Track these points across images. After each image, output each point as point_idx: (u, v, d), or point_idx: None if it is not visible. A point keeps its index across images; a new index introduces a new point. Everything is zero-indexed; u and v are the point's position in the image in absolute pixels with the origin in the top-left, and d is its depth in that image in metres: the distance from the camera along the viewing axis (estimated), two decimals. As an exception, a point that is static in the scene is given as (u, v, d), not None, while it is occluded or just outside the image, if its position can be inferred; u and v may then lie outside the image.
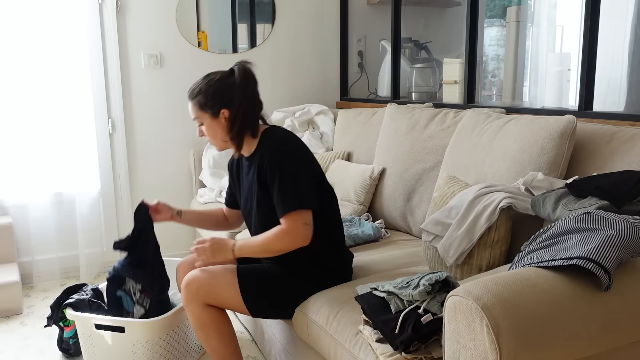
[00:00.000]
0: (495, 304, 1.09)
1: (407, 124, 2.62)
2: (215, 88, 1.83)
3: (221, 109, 1.82)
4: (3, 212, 3.17)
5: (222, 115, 1.82)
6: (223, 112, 1.82)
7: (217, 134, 1.85)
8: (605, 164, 1.79)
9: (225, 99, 1.82)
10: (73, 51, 3.19)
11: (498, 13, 3.73)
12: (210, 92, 1.82)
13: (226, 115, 1.82)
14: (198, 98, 1.84)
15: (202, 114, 1.84)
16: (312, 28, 3.79)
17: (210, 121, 1.84)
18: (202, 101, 1.83)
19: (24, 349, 2.47)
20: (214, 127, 1.84)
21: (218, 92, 1.83)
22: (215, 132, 1.85)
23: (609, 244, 1.21)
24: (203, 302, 1.79)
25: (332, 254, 1.92)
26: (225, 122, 1.83)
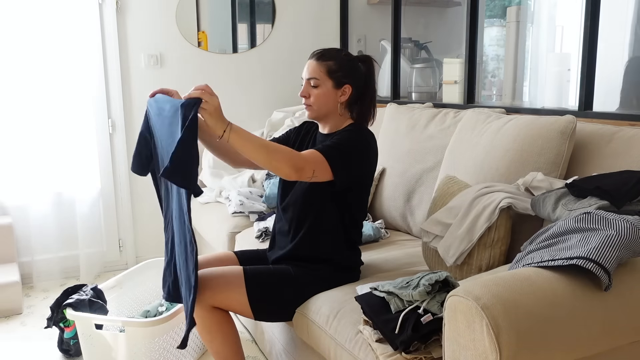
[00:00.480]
0: (495, 304, 1.09)
1: (407, 124, 2.62)
2: (351, 64, 1.86)
3: (347, 84, 1.84)
4: (3, 212, 3.17)
5: (344, 90, 1.85)
6: (347, 87, 1.85)
7: (328, 102, 1.85)
8: (605, 164, 1.79)
9: (354, 77, 1.86)
10: (73, 51, 3.19)
11: (498, 13, 3.73)
12: (344, 64, 1.84)
13: (347, 91, 1.85)
14: (330, 63, 1.83)
15: (327, 78, 1.83)
16: (312, 28, 3.79)
17: (330, 88, 1.84)
18: (333, 67, 1.83)
19: (24, 349, 2.47)
20: (329, 95, 1.84)
21: (353, 68, 1.86)
22: (327, 100, 1.85)
23: (609, 244, 1.21)
24: (209, 304, 1.79)
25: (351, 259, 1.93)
26: (342, 96, 1.85)
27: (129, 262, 3.50)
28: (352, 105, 1.90)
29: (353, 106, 1.90)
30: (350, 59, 1.88)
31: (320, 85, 1.84)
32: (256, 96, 3.71)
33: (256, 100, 3.71)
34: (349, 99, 1.87)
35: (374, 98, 1.93)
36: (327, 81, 1.84)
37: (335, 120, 1.90)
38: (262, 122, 3.69)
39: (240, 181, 3.16)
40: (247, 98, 3.69)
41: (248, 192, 2.95)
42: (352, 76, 1.86)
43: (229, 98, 3.64)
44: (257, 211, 2.80)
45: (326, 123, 1.92)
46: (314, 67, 1.85)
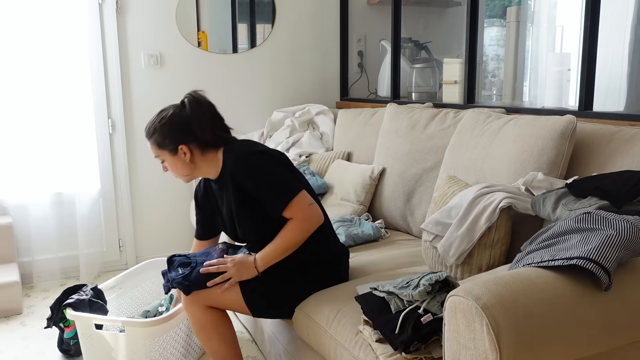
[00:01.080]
0: (495, 304, 1.09)
1: (407, 124, 2.62)
2: (169, 125, 1.83)
3: (179, 145, 1.83)
4: (3, 212, 3.17)
5: (181, 151, 1.83)
6: (181, 147, 1.83)
7: (179, 168, 1.87)
8: (605, 164, 1.79)
9: (181, 134, 1.83)
10: (73, 51, 3.19)
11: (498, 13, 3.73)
12: (165, 130, 1.83)
13: (185, 150, 1.83)
14: (155, 137, 1.85)
15: (161, 151, 1.86)
16: (312, 28, 3.79)
17: (170, 157, 1.85)
18: (159, 140, 1.84)
19: (24, 349, 2.47)
20: (175, 162, 1.86)
21: (173, 128, 1.83)
22: (176, 167, 1.87)
23: (609, 244, 1.21)
24: (204, 304, 1.79)
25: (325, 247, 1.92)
26: (184, 156, 1.84)
27: (129, 262, 3.50)
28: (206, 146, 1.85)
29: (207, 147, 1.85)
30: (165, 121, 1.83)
31: (165, 159, 1.87)
32: (256, 96, 3.71)
33: (256, 100, 3.71)
34: (194, 151, 1.84)
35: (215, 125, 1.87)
36: (164, 154, 1.85)
37: (207, 168, 1.88)
38: (262, 122, 3.70)
39: (240, 181, 3.15)
40: (247, 98, 3.69)
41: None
42: (176, 136, 1.82)
43: (229, 98, 3.64)
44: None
45: (206, 174, 1.91)
46: (150, 146, 1.88)
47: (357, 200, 2.67)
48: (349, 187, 2.72)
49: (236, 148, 1.85)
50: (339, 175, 2.84)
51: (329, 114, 3.48)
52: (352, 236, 2.36)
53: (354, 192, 2.68)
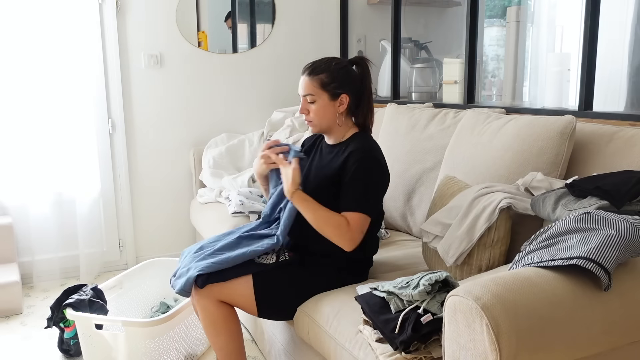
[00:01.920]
0: (495, 304, 1.09)
1: (407, 124, 2.62)
2: (344, 72, 1.85)
3: (343, 93, 1.84)
4: (3, 212, 3.17)
5: (341, 100, 1.84)
6: (343, 96, 1.84)
7: (327, 115, 1.86)
8: (605, 164, 1.79)
9: (349, 85, 1.85)
10: (73, 51, 3.19)
11: (498, 13, 3.73)
12: (336, 74, 1.83)
13: (344, 101, 1.84)
14: (322, 76, 1.83)
15: (321, 92, 1.84)
16: (312, 28, 3.79)
17: (326, 102, 1.84)
18: (325, 80, 1.83)
19: (24, 349, 2.47)
20: (327, 108, 1.85)
21: (346, 76, 1.84)
22: (325, 112, 1.85)
23: (608, 244, 1.21)
24: (216, 298, 1.79)
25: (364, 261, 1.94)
26: (340, 107, 1.85)
27: (129, 262, 3.50)
28: (353, 111, 1.90)
29: (354, 112, 1.90)
30: (342, 66, 1.86)
31: (316, 100, 1.84)
32: (256, 96, 3.71)
33: (256, 100, 3.71)
34: (348, 107, 1.86)
35: (370, 99, 1.92)
36: (322, 95, 1.84)
37: (339, 130, 1.90)
38: (262, 122, 3.70)
39: (240, 181, 3.16)
40: (247, 98, 3.69)
41: (248, 192, 2.95)
42: (347, 84, 1.85)
43: (229, 98, 3.64)
44: (257, 211, 2.80)
45: (330, 134, 1.93)
46: (307, 83, 1.85)
47: (357, 200, 2.66)
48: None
49: (369, 139, 1.88)
50: (339, 175, 2.84)
51: (329, 114, 3.47)
52: (352, 236, 2.36)
53: (354, 192, 2.68)
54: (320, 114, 1.85)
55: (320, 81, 1.83)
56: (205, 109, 3.59)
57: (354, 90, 1.87)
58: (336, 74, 1.84)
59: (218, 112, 3.62)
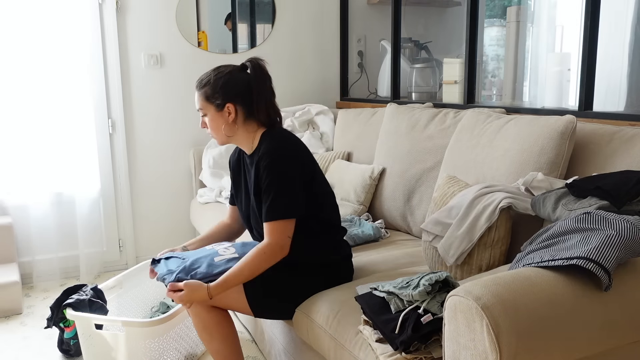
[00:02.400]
0: (495, 304, 1.09)
1: (407, 124, 2.62)
2: (224, 81, 1.82)
3: (227, 103, 1.82)
4: (3, 212, 3.17)
5: (227, 109, 1.82)
6: (228, 106, 1.82)
7: (220, 127, 1.84)
8: (605, 164, 1.79)
9: (232, 93, 1.82)
10: (73, 51, 3.19)
11: (498, 13, 3.73)
12: (218, 84, 1.82)
13: (231, 110, 1.82)
14: (205, 89, 1.83)
15: (208, 105, 1.83)
16: (312, 28, 3.79)
17: (214, 113, 1.83)
18: (208, 92, 1.82)
19: (24, 349, 2.47)
20: (218, 120, 1.84)
21: (226, 85, 1.82)
22: (218, 125, 1.84)
23: (609, 244, 1.21)
24: (208, 304, 1.79)
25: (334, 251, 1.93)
26: (229, 116, 1.82)
27: (129, 262, 3.50)
28: (250, 115, 1.85)
29: (253, 116, 1.85)
30: (221, 75, 1.82)
31: (207, 114, 1.84)
32: (256, 96, 3.71)
33: (256, 100, 3.71)
34: (241, 115, 1.83)
35: (269, 99, 1.87)
36: (209, 107, 1.83)
37: (244, 138, 1.87)
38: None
39: (240, 181, 3.16)
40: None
41: (248, 192, 2.95)
42: (228, 93, 1.81)
43: (229, 98, 3.64)
44: (257, 211, 2.79)
45: (240, 144, 1.90)
46: (197, 98, 1.86)
47: (357, 201, 2.67)
48: (349, 187, 2.72)
49: (276, 136, 1.83)
50: (339, 175, 2.84)
51: (329, 114, 3.48)
52: (352, 236, 2.36)
53: (354, 192, 2.68)
54: (213, 126, 1.85)
55: (205, 94, 1.83)
56: (205, 109, 3.58)
57: (240, 96, 1.82)
58: (217, 85, 1.82)
59: (218, 112, 3.62)
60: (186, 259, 1.85)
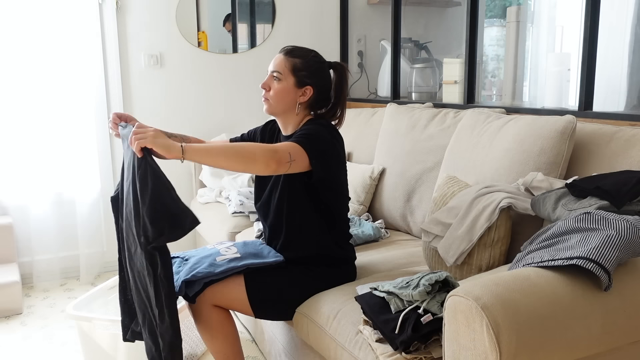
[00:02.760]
0: (495, 304, 1.09)
1: (407, 124, 2.62)
2: (318, 66, 1.84)
3: (309, 85, 1.82)
4: (3, 212, 3.17)
5: (305, 90, 1.83)
6: (308, 88, 1.83)
7: (286, 99, 1.83)
8: (605, 164, 1.79)
9: (318, 81, 1.84)
10: (73, 51, 3.19)
11: (498, 13, 3.73)
12: (311, 65, 1.83)
13: (307, 93, 1.83)
14: (297, 61, 1.82)
15: (290, 75, 1.82)
16: (312, 28, 3.79)
17: (291, 86, 1.82)
18: (299, 65, 1.82)
19: (24, 349, 2.47)
20: (290, 92, 1.82)
21: (318, 72, 1.84)
22: (284, 95, 1.82)
23: (609, 244, 1.21)
24: (210, 303, 1.79)
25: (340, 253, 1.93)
26: (301, 97, 1.83)
27: (129, 262, 3.50)
28: (313, 107, 1.87)
29: (314, 109, 1.88)
30: (318, 60, 1.85)
31: (282, 80, 1.82)
32: (256, 96, 3.71)
33: (256, 100, 3.71)
34: (308, 101, 1.85)
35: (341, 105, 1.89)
36: (289, 77, 1.82)
37: (293, 119, 1.87)
38: (262, 122, 3.68)
39: (240, 181, 3.16)
40: (247, 98, 3.69)
41: (248, 192, 2.95)
42: (316, 78, 1.83)
43: (229, 98, 3.64)
44: (257, 211, 2.80)
45: (284, 122, 1.89)
46: (280, 61, 1.83)
47: (357, 201, 2.67)
48: (349, 187, 2.71)
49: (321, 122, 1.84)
50: (339, 175, 2.84)
51: (329, 114, 3.47)
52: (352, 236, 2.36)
53: (354, 192, 2.68)
54: (280, 95, 1.82)
55: (293, 64, 1.82)
56: (205, 109, 3.59)
57: (320, 87, 1.85)
58: (310, 64, 1.83)
59: (218, 112, 3.63)
60: (188, 260, 1.85)
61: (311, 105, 1.87)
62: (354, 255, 1.98)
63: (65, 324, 2.70)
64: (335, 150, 1.82)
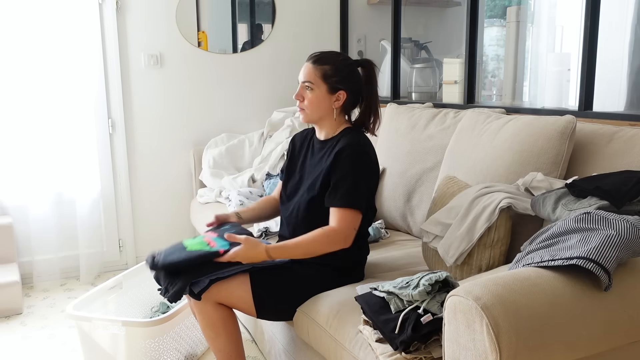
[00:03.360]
0: (495, 304, 1.09)
1: (407, 124, 2.62)
2: (349, 70, 1.86)
3: (341, 90, 1.84)
4: (3, 212, 3.17)
5: (338, 95, 1.84)
6: (341, 93, 1.84)
7: (321, 107, 1.85)
8: (605, 164, 1.79)
9: (350, 84, 1.85)
10: (73, 51, 3.19)
11: (498, 13, 3.73)
12: (341, 69, 1.84)
13: (341, 97, 1.85)
14: (326, 67, 1.83)
15: (321, 83, 1.83)
16: (312, 28, 3.79)
17: (324, 93, 1.84)
18: (329, 72, 1.83)
19: (24, 349, 2.47)
20: (324, 100, 1.84)
21: (350, 75, 1.85)
22: (319, 102, 1.84)
23: (609, 244, 1.21)
24: (214, 301, 1.78)
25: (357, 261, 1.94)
26: (336, 102, 1.85)
27: (129, 262, 3.50)
28: (348, 110, 1.90)
29: (349, 111, 1.91)
30: (347, 63, 1.86)
31: (314, 89, 1.84)
32: (256, 96, 3.72)
33: (256, 100, 3.71)
34: (343, 105, 1.87)
35: (374, 103, 1.92)
36: (321, 85, 1.83)
37: (330, 124, 1.90)
38: (262, 122, 3.70)
39: (240, 181, 3.16)
40: (247, 98, 3.69)
41: (248, 192, 2.95)
42: (348, 82, 1.85)
43: (229, 98, 3.64)
44: (257, 211, 2.79)
45: (321, 127, 1.92)
46: (309, 70, 1.84)
47: (357, 200, 2.66)
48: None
49: (360, 134, 1.88)
50: (339, 175, 2.84)
51: (329, 114, 3.47)
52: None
53: (354, 192, 2.68)
54: (314, 103, 1.85)
55: (323, 72, 1.83)
56: (205, 109, 3.59)
57: (353, 89, 1.87)
58: (340, 69, 1.84)
59: (218, 112, 3.63)
60: None
61: (346, 109, 1.90)
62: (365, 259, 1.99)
63: (65, 324, 2.70)
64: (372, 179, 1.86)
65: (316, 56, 1.86)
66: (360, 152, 1.81)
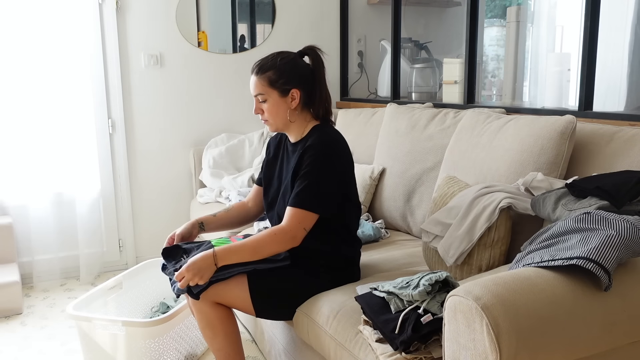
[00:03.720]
0: (495, 304, 1.09)
1: (407, 124, 2.62)
2: (290, 66, 1.82)
3: (292, 88, 1.81)
4: (3, 212, 3.17)
5: (292, 95, 1.82)
6: (294, 91, 1.82)
7: (279, 112, 1.83)
8: (605, 164, 1.79)
9: (298, 79, 1.82)
10: (73, 51, 3.19)
11: (498, 13, 3.73)
12: (285, 69, 1.81)
13: (295, 95, 1.82)
14: (269, 73, 1.81)
15: (270, 90, 1.81)
16: (312, 28, 3.79)
17: (277, 99, 1.82)
18: (273, 77, 1.80)
19: (24, 349, 2.47)
20: (280, 105, 1.82)
21: (293, 70, 1.82)
22: (278, 110, 1.83)
23: (609, 244, 1.21)
24: (212, 301, 1.79)
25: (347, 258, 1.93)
26: (292, 102, 1.82)
27: (129, 262, 3.50)
28: (308, 104, 1.86)
29: (309, 105, 1.87)
30: (287, 60, 1.83)
31: (267, 99, 1.82)
32: (256, 96, 3.71)
33: (256, 100, 3.71)
34: (301, 102, 1.84)
35: (324, 87, 1.88)
36: (272, 93, 1.81)
37: (297, 126, 1.88)
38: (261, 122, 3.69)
39: (240, 181, 3.16)
40: (247, 98, 3.69)
41: (248, 192, 2.95)
42: (295, 78, 1.82)
43: (229, 98, 3.64)
44: (257, 211, 2.79)
45: (290, 131, 1.90)
46: (256, 82, 1.83)
47: (357, 200, 2.67)
48: (349, 187, 2.71)
49: (329, 133, 1.84)
50: (339, 175, 2.84)
51: (329, 114, 3.47)
52: (352, 236, 2.36)
53: (354, 192, 2.68)
54: (273, 112, 1.83)
55: (268, 79, 1.81)
56: (205, 109, 3.59)
57: (303, 83, 1.83)
58: (283, 70, 1.81)
59: (218, 112, 3.63)
60: None
61: (306, 104, 1.86)
62: (358, 256, 1.98)
63: (65, 324, 2.70)
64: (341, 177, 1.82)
65: (257, 66, 1.84)
66: (324, 153, 1.78)
